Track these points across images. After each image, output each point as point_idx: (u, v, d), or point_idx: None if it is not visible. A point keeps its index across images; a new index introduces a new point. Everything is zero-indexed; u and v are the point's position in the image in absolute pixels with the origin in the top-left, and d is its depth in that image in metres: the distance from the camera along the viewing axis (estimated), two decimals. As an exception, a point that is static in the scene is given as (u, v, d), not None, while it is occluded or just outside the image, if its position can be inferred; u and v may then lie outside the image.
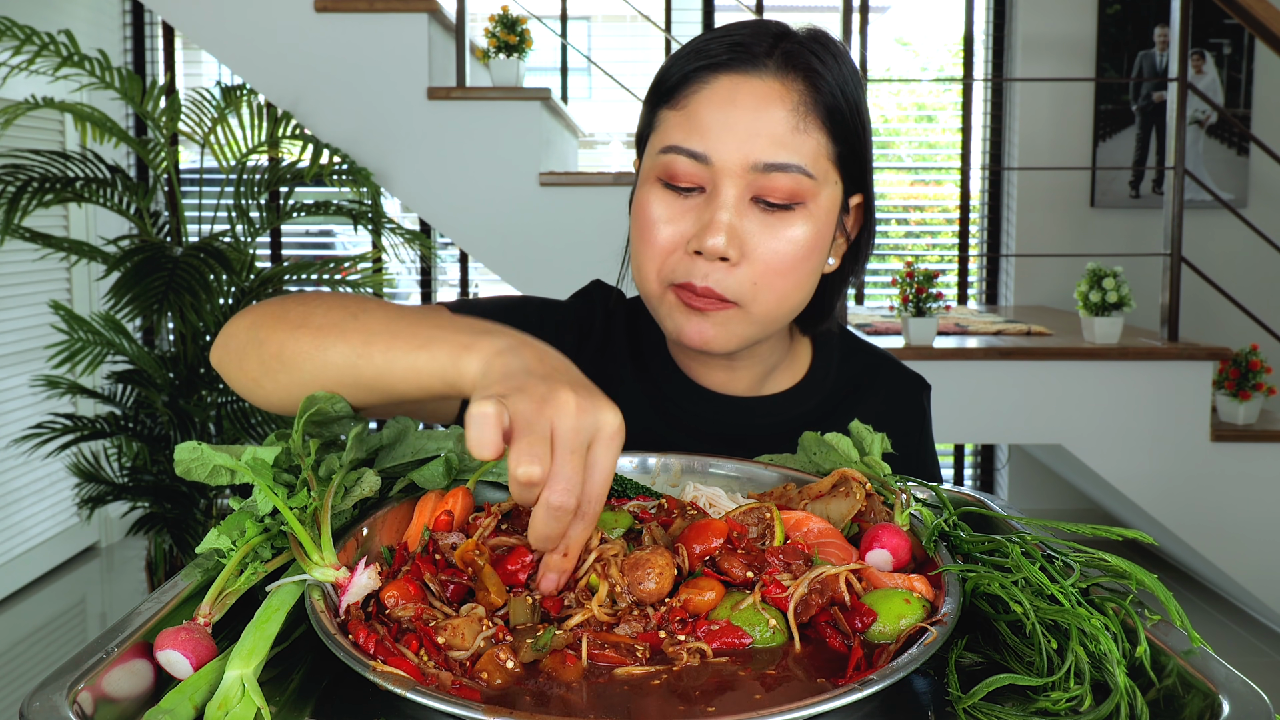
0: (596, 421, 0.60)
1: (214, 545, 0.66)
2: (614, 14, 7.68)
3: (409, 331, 0.72)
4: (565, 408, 0.59)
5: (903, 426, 1.05)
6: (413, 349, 0.71)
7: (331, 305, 0.77)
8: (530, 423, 0.58)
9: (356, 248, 5.01)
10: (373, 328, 0.73)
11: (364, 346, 0.73)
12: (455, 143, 3.28)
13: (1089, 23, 4.40)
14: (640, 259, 0.93)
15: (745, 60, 0.89)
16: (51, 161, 2.98)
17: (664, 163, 0.90)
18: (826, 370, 1.07)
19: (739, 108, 0.87)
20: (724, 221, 0.87)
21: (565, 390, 0.60)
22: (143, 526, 3.12)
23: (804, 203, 0.89)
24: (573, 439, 0.59)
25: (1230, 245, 4.23)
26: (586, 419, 0.60)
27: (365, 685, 0.57)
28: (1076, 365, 3.12)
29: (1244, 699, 0.52)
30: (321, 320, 0.76)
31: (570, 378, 0.63)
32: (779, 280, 0.90)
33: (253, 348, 0.78)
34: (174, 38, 4.63)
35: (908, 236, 4.97)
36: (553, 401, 0.59)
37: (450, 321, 0.71)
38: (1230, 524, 3.17)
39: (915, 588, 0.64)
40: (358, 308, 0.76)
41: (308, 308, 0.78)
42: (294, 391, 0.77)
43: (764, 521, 0.70)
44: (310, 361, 0.75)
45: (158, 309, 2.81)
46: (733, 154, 0.87)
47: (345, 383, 0.74)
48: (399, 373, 0.71)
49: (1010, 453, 4.69)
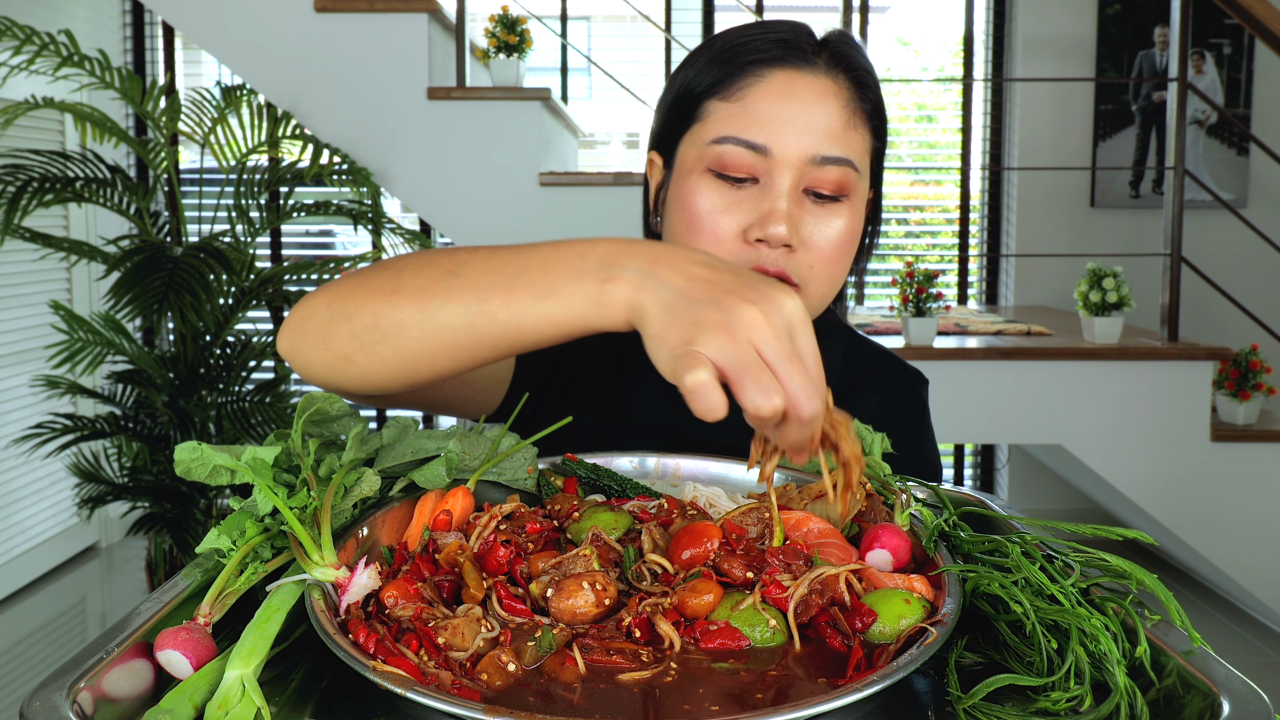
0: (788, 317, 0.58)
1: (214, 545, 0.66)
2: (614, 14, 7.68)
3: (523, 280, 0.68)
4: (755, 324, 0.57)
5: (904, 418, 1.09)
6: (538, 298, 0.67)
7: (421, 265, 0.73)
8: (740, 360, 0.57)
9: (356, 248, 5.01)
10: (480, 281, 0.69)
11: (480, 304, 0.69)
12: (455, 143, 3.28)
13: (1089, 23, 4.40)
14: None
15: (799, 57, 0.92)
16: (51, 161, 2.98)
17: (717, 153, 0.92)
18: (830, 364, 1.08)
19: (797, 102, 0.91)
20: (784, 210, 0.90)
21: (740, 304, 0.58)
22: (143, 526, 3.12)
23: (849, 195, 0.93)
24: (781, 348, 0.58)
25: (1230, 245, 4.23)
26: (777, 320, 0.58)
27: (365, 685, 0.57)
28: (1076, 365, 3.12)
29: (1244, 699, 0.52)
30: (417, 282, 0.71)
31: (725, 283, 0.60)
32: (832, 267, 0.94)
33: (340, 321, 0.73)
34: (174, 38, 4.63)
35: (908, 236, 4.97)
36: (740, 324, 0.57)
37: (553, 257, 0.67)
38: (1230, 524, 3.17)
39: (915, 588, 0.64)
40: (451, 263, 0.71)
41: (396, 271, 0.73)
42: (398, 365, 0.73)
43: (763, 521, 0.70)
44: (417, 328, 0.71)
45: (158, 309, 2.81)
46: (791, 146, 0.90)
47: (464, 344, 0.70)
48: (531, 325, 0.68)
49: (1010, 453, 4.69)
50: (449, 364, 0.73)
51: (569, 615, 0.60)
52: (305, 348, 0.76)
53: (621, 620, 0.60)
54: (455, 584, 0.64)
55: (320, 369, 0.77)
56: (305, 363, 0.77)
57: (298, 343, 0.77)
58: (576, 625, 0.60)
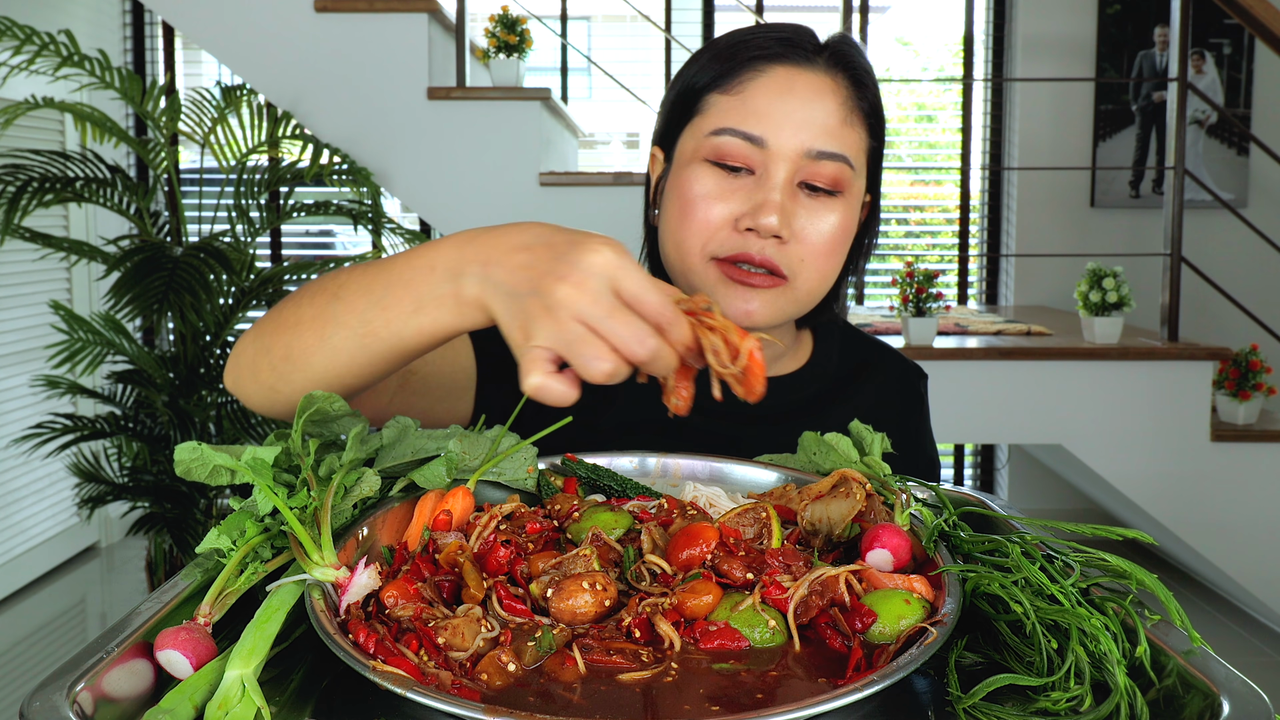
0: (600, 276, 0.61)
1: (214, 545, 0.66)
2: (614, 14, 7.68)
3: (392, 298, 0.72)
4: (571, 299, 0.61)
5: (903, 413, 1.10)
6: (409, 314, 0.71)
7: (314, 293, 0.78)
8: (566, 339, 0.61)
9: (356, 248, 5.01)
10: (358, 304, 0.74)
11: (363, 325, 0.73)
12: (455, 143, 3.28)
13: (1089, 23, 4.40)
14: (683, 234, 0.95)
15: (799, 54, 0.94)
16: (51, 161, 2.98)
17: (715, 144, 0.93)
18: (828, 359, 1.10)
19: (796, 97, 0.92)
20: (777, 201, 0.91)
21: (555, 285, 0.61)
22: (143, 526, 3.12)
23: (843, 192, 0.94)
24: (599, 309, 0.61)
25: (1230, 245, 4.22)
26: (592, 284, 0.61)
27: (365, 685, 0.57)
28: (1076, 365, 3.12)
29: (1244, 699, 0.52)
30: (311, 311, 0.77)
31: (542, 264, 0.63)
32: (823, 261, 0.94)
33: (262, 356, 0.80)
34: (174, 38, 4.63)
35: (908, 236, 4.97)
36: (559, 304, 0.61)
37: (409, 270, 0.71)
38: (1230, 524, 3.17)
39: (915, 588, 0.64)
40: (335, 286, 0.76)
41: (296, 303, 0.79)
42: (313, 388, 0.77)
43: (760, 522, 0.70)
44: (318, 354, 0.76)
45: (158, 309, 2.81)
46: (788, 140, 0.92)
47: (362, 362, 0.75)
48: (412, 338, 0.73)
49: (1010, 453, 4.69)
50: (357, 380, 0.77)
51: (569, 615, 0.60)
52: (241, 382, 0.83)
53: (621, 620, 0.60)
54: (455, 584, 0.64)
55: (256, 399, 0.83)
56: (244, 395, 0.84)
57: (235, 378, 0.84)
58: (576, 625, 0.60)
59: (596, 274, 0.61)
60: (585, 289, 0.61)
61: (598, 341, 0.61)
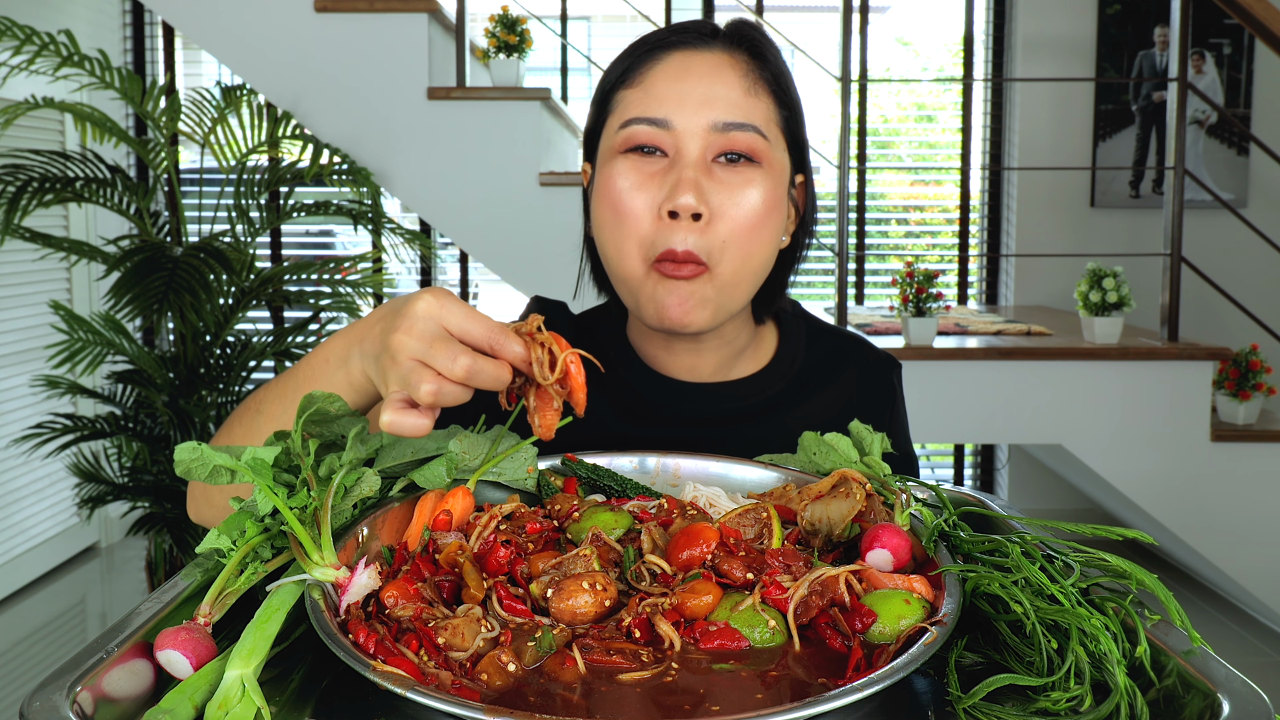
0: (425, 318, 0.69)
1: (214, 545, 0.66)
2: (614, 14, 7.68)
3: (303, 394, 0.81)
4: (403, 344, 0.69)
5: (874, 407, 1.08)
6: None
7: (242, 413, 0.88)
8: (404, 377, 0.69)
9: (356, 248, 5.00)
10: (275, 411, 0.84)
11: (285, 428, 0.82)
12: (455, 143, 3.28)
13: (1089, 23, 4.40)
14: (618, 238, 0.95)
15: (695, 38, 0.97)
16: (51, 161, 2.98)
17: (625, 135, 0.95)
18: (794, 354, 1.08)
19: (694, 75, 0.94)
20: (691, 179, 0.91)
21: (392, 336, 0.70)
22: (143, 526, 3.11)
23: (760, 163, 0.94)
24: (422, 345, 0.68)
25: (1230, 245, 4.22)
26: (417, 328, 0.69)
27: (365, 685, 0.57)
28: (1076, 365, 3.12)
29: (1244, 699, 0.52)
30: (241, 431, 0.86)
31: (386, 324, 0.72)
32: (746, 238, 0.94)
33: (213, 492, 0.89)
34: (174, 38, 4.63)
35: (908, 236, 4.97)
36: (396, 351, 0.69)
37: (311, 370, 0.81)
38: (1230, 524, 3.17)
39: (915, 588, 0.64)
40: (257, 404, 0.86)
41: (229, 429, 0.88)
42: None
43: (760, 522, 0.70)
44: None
45: (158, 309, 2.80)
46: (692, 117, 0.93)
47: None
48: None
49: (1010, 453, 4.69)
50: None
51: (569, 615, 0.60)
52: (200, 511, 0.93)
53: (621, 620, 0.60)
54: (455, 584, 0.64)
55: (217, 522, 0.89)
56: (207, 522, 0.92)
57: (195, 511, 0.94)
58: (576, 625, 0.60)
59: (422, 317, 0.69)
60: (413, 332, 0.69)
61: (424, 370, 0.68)
